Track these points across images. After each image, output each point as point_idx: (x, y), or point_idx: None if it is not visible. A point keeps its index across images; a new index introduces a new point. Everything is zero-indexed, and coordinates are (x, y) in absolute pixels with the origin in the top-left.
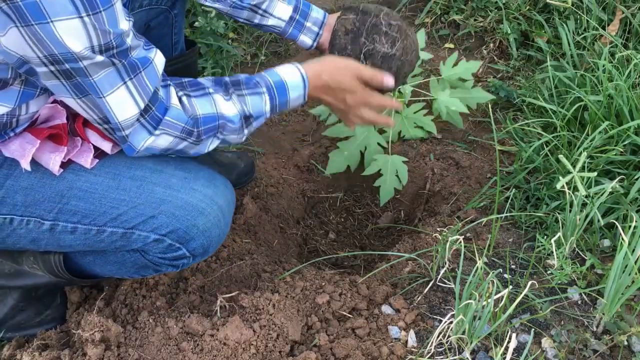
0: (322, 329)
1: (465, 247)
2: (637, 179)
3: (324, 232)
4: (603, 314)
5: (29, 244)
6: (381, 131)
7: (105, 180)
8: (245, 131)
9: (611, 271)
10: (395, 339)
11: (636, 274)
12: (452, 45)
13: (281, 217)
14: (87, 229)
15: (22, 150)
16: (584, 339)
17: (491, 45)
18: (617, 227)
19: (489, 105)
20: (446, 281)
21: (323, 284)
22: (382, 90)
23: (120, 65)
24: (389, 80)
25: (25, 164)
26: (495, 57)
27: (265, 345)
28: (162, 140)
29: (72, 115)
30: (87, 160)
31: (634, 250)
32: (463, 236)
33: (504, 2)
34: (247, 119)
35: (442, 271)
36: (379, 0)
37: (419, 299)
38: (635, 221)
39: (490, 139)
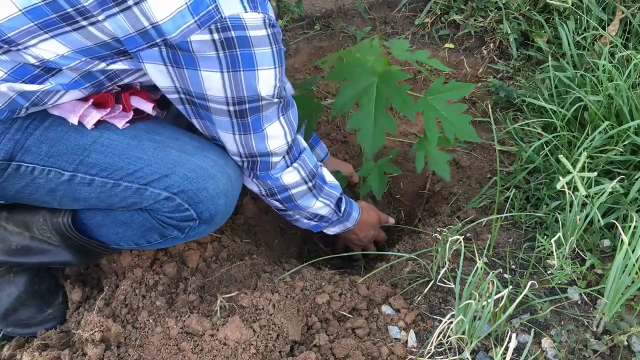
0: (322, 329)
1: (465, 247)
2: (637, 179)
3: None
4: (603, 314)
5: (46, 195)
6: None
7: (126, 139)
8: (321, 224)
9: (611, 271)
10: (395, 339)
11: (636, 274)
12: (452, 45)
13: (281, 217)
14: (104, 181)
15: (73, 107)
16: (584, 339)
17: (491, 45)
18: (617, 227)
19: (489, 105)
20: (446, 281)
21: (323, 284)
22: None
23: (282, 104)
24: (391, 220)
25: (74, 119)
26: (495, 57)
27: (265, 345)
28: (293, 175)
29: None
30: (121, 122)
31: (634, 250)
32: (463, 236)
33: (504, 2)
34: (339, 206)
35: (442, 271)
36: (379, 1)
37: (419, 299)
38: (635, 221)
39: (490, 139)
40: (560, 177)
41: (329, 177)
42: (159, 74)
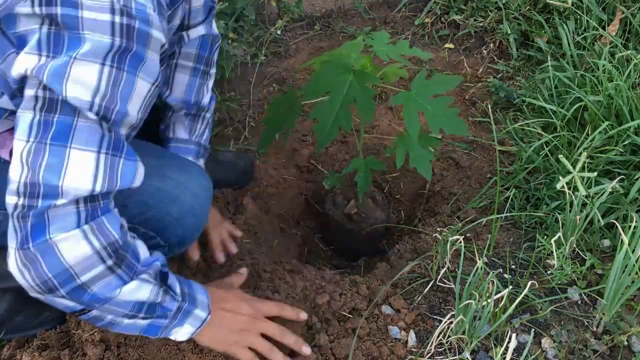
0: (322, 329)
1: (465, 247)
2: (637, 179)
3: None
4: (603, 314)
5: (1, 237)
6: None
7: None
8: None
9: (611, 271)
10: (395, 339)
11: (636, 274)
12: (452, 46)
13: (281, 217)
14: None
15: (3, 141)
16: (584, 339)
17: (491, 45)
18: (617, 227)
19: (489, 105)
20: (446, 281)
21: (323, 284)
22: None
23: (107, 134)
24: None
25: (6, 154)
26: (495, 57)
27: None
28: (80, 245)
29: None
30: None
31: (634, 250)
32: (463, 236)
33: (504, 2)
34: (165, 282)
35: (442, 271)
36: (379, 1)
37: (419, 299)
38: (635, 221)
39: (490, 139)
40: (560, 177)
41: (144, 253)
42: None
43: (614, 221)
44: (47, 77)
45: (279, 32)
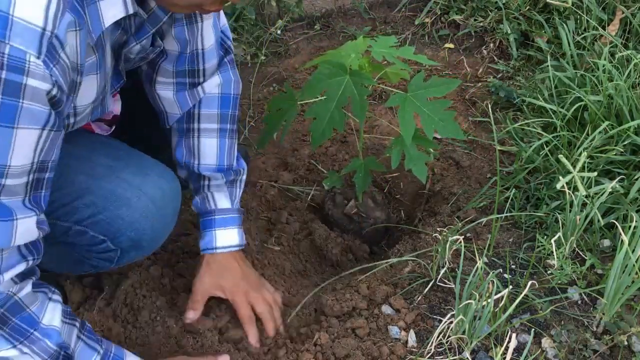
0: (322, 328)
1: (465, 247)
2: (637, 179)
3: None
4: (603, 314)
5: None
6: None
7: None
8: None
9: (611, 271)
10: (395, 339)
11: (636, 274)
12: (452, 45)
13: None
14: None
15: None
16: (584, 339)
17: (491, 45)
18: (617, 227)
19: (489, 105)
20: (446, 281)
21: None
22: None
23: None
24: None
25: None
26: (495, 57)
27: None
28: None
29: None
30: None
31: (634, 250)
32: (463, 236)
33: (504, 2)
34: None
35: (442, 271)
36: (379, 1)
37: (419, 299)
38: (635, 221)
39: (490, 139)
40: (560, 177)
41: (49, 320)
42: None
43: (614, 221)
44: None
45: (279, 32)
